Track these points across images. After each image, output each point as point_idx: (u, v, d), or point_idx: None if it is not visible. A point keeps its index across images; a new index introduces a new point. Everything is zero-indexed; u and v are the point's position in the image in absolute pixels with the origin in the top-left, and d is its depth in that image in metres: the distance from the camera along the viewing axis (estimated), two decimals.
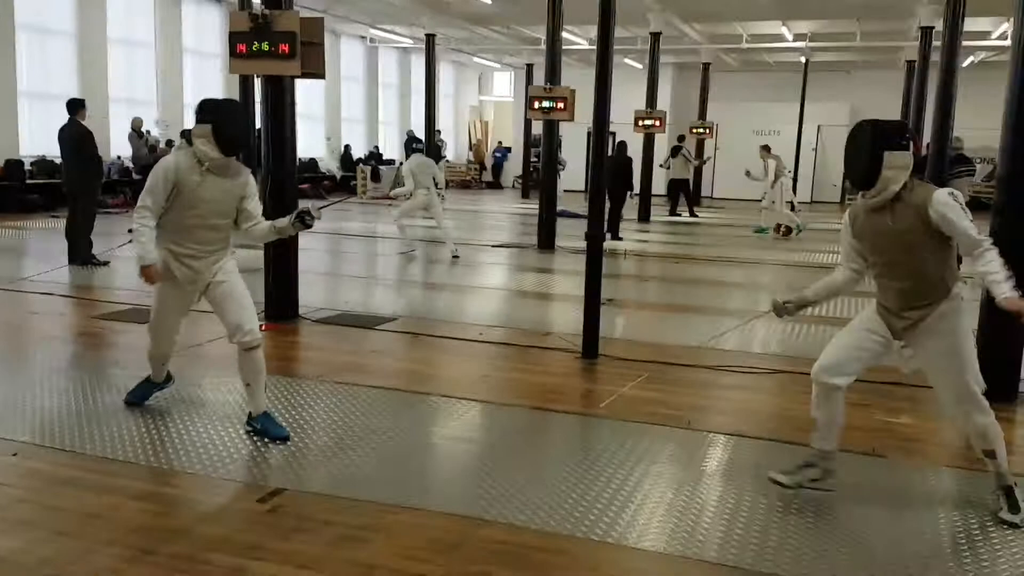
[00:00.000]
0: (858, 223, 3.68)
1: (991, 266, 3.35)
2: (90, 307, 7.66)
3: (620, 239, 14.28)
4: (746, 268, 11.93)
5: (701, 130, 22.16)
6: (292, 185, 7.34)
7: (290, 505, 3.67)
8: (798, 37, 21.39)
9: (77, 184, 9.81)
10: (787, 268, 12.11)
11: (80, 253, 9.62)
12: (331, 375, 5.68)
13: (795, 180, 22.72)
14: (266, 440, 4.38)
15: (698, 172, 22.69)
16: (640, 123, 17.71)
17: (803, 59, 23.00)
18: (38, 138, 15.95)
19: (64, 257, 9.70)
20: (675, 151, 19.47)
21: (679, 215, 19.34)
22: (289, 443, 4.37)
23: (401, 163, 24.49)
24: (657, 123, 17.78)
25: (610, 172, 15.68)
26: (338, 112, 24.58)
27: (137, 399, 4.88)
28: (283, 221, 4.50)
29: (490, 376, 5.94)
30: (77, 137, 9.70)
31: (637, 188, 17.09)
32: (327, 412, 4.92)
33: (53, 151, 15.45)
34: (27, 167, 15.58)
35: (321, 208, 4.61)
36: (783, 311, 4.01)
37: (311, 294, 8.04)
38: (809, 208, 24.08)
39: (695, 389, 5.74)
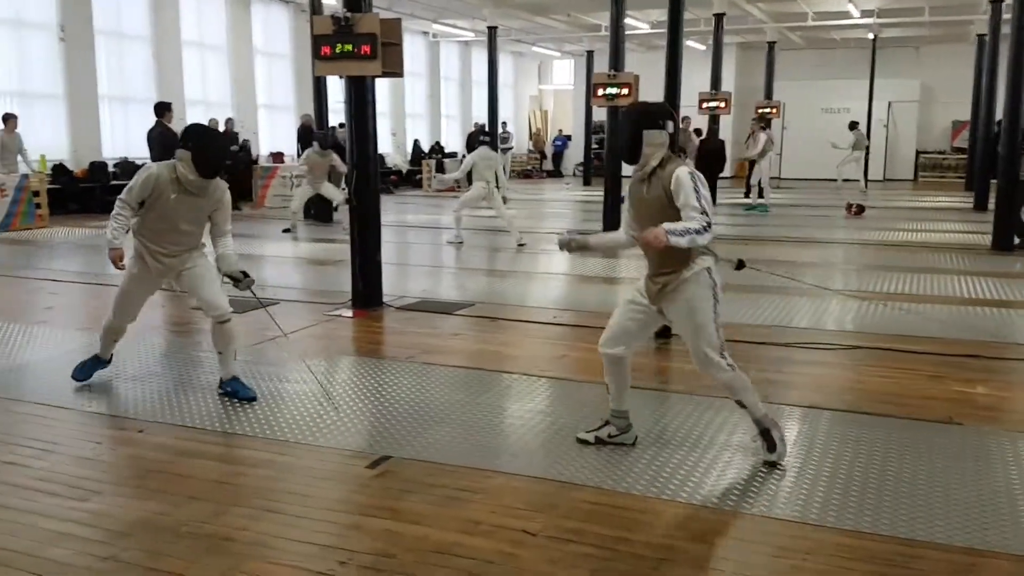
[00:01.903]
0: (630, 193, 4.13)
1: (683, 223, 3.73)
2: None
3: None
4: (817, 248, 11.91)
5: (767, 110, 21.97)
6: (376, 180, 7.67)
7: (396, 470, 3.97)
8: (865, 13, 21.04)
9: None
10: (861, 247, 12.06)
11: None
12: (417, 356, 5.99)
13: (867, 158, 22.43)
14: (360, 412, 4.69)
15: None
16: (704, 105, 17.68)
17: (871, 35, 22.61)
18: (119, 140, 16.72)
19: None
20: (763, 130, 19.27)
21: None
22: (386, 415, 4.68)
23: (464, 155, 24.97)
24: (722, 104, 17.74)
25: (702, 156, 15.94)
26: (402, 107, 25.03)
27: (84, 376, 5.26)
28: (225, 267, 5.06)
29: (566, 356, 6.17)
30: (163, 139, 10.21)
31: (728, 171, 17.17)
32: (417, 389, 5.22)
33: (134, 152, 16.25)
34: (110, 168, 16.33)
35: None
36: (566, 246, 4.33)
37: (391, 283, 8.37)
38: (881, 186, 23.68)
39: (769, 365, 5.87)
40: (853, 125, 20.42)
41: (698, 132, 18.31)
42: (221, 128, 17.18)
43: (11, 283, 8.89)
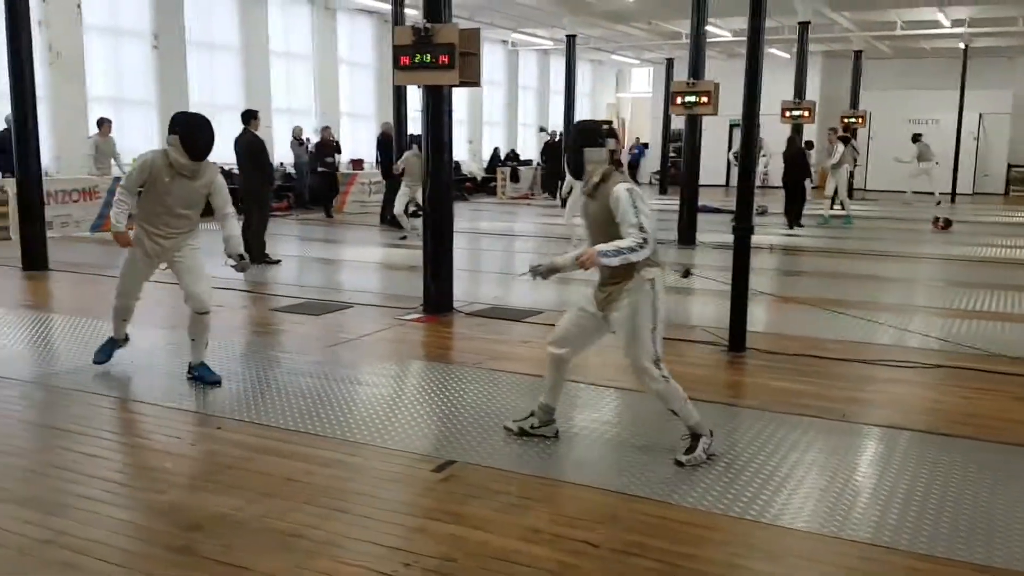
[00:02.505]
0: (582, 206, 4.32)
1: (615, 243, 3.91)
2: (267, 301, 8.37)
3: (802, 226, 14.91)
4: (902, 262, 11.55)
5: (853, 119, 21.41)
6: (450, 188, 7.77)
7: (461, 475, 4.01)
8: (956, 23, 20.34)
9: (252, 189, 10.64)
10: (946, 262, 11.65)
11: (255, 253, 10.43)
12: (485, 362, 6.03)
13: (955, 171, 21.67)
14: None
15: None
16: (787, 114, 17.34)
17: (962, 45, 21.84)
18: None
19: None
20: (843, 142, 18.85)
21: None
22: (453, 420, 4.73)
23: (539, 164, 25.01)
24: (806, 113, 17.36)
25: (786, 164, 15.73)
26: (479, 115, 25.26)
27: (104, 359, 5.67)
28: (229, 248, 5.47)
29: None
30: (250, 146, 10.52)
31: (815, 180, 16.91)
32: (484, 395, 5.26)
33: (221, 158, 16.70)
34: None
35: None
36: (536, 273, 4.43)
37: (462, 289, 8.45)
38: (971, 200, 22.83)
39: (849, 382, 5.72)
40: (916, 137, 19.82)
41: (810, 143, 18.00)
42: (315, 137, 17.70)
43: (99, 281, 9.28)
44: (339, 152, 16.98)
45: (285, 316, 7.63)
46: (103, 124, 13.81)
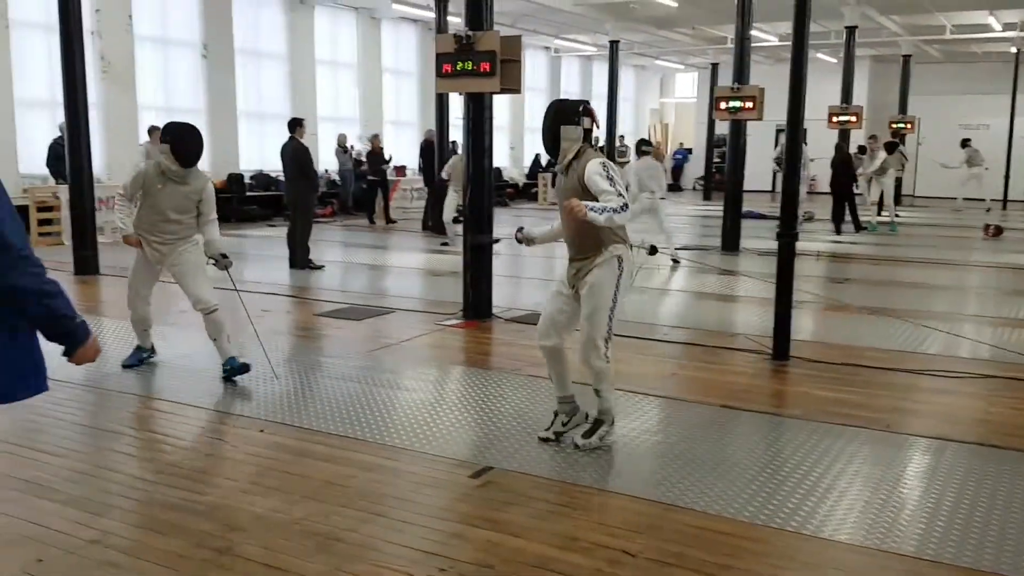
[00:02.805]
0: (556, 183, 4.49)
1: (601, 203, 3.97)
2: (310, 306, 8.47)
3: (865, 229, 14.94)
4: (950, 270, 11.30)
5: (902, 125, 21.03)
6: (490, 194, 7.80)
7: (499, 481, 4.01)
8: (1008, 26, 19.89)
9: (297, 196, 10.79)
10: (996, 270, 11.37)
11: (299, 258, 10.58)
12: (524, 369, 6.03)
13: (1006, 177, 21.17)
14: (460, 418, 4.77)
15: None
16: (834, 119, 17.10)
17: (1014, 49, 21.34)
18: (255, 154, 17.60)
19: (284, 262, 10.70)
20: (890, 147, 18.57)
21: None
22: (491, 426, 4.74)
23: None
24: (853, 119, 17.10)
25: (834, 170, 15.55)
26: (521, 122, 25.31)
27: (133, 363, 5.96)
28: (210, 251, 5.79)
29: (677, 374, 6.08)
30: (296, 153, 10.67)
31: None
32: (523, 401, 5.26)
33: (269, 166, 17.07)
34: (246, 180, 17.20)
35: None
36: (521, 240, 4.70)
37: (502, 295, 8.47)
38: (1022, 206, 22.27)
39: (894, 392, 5.61)
40: (965, 143, 19.53)
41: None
42: (360, 145, 17.90)
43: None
44: (388, 162, 16.99)
45: (328, 321, 7.71)
46: (153, 132, 14.08)
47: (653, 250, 10.78)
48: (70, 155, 10.02)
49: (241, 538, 3.42)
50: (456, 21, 13.78)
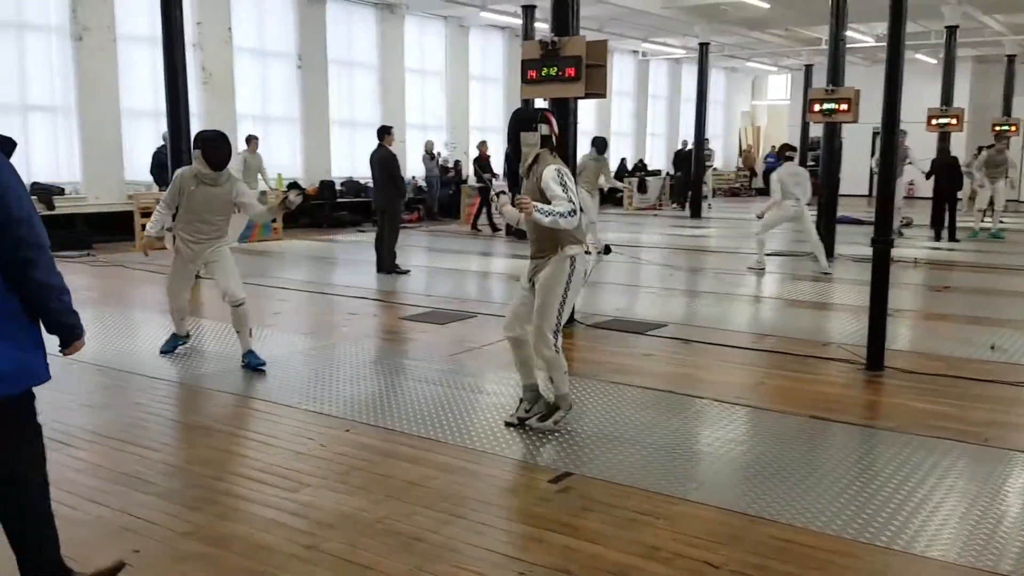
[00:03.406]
0: (523, 187, 4.67)
1: (550, 206, 4.26)
2: (396, 310, 8.63)
3: (957, 240, 14.38)
4: None
5: (1005, 127, 20.07)
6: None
7: (578, 487, 4.01)
8: None
9: (385, 202, 11.01)
10: None
11: (386, 263, 10.79)
12: (605, 375, 6.00)
13: None
14: (531, 423, 4.78)
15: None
16: (933, 121, 16.45)
17: None
18: (345, 161, 18.04)
19: (372, 266, 10.93)
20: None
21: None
22: (571, 432, 4.73)
23: (669, 174, 24.71)
24: (953, 121, 16.41)
25: (937, 174, 15.03)
26: (607, 126, 25.20)
27: (168, 349, 6.53)
28: (265, 209, 6.40)
29: (765, 383, 5.95)
30: (383, 160, 10.88)
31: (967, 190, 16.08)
32: (603, 408, 5.23)
33: (359, 173, 17.47)
34: (337, 187, 17.63)
35: None
36: (497, 194, 4.82)
37: (584, 301, 8.44)
38: None
39: (994, 405, 5.36)
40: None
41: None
42: (448, 153, 18.11)
43: (247, 290, 9.79)
44: (493, 173, 16.86)
45: (413, 324, 7.84)
46: (251, 140, 14.61)
47: (607, 250, 10.56)
48: (172, 163, 10.45)
49: (328, 535, 3.51)
50: (543, 27, 13.83)
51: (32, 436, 2.92)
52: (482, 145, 16.70)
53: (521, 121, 4.65)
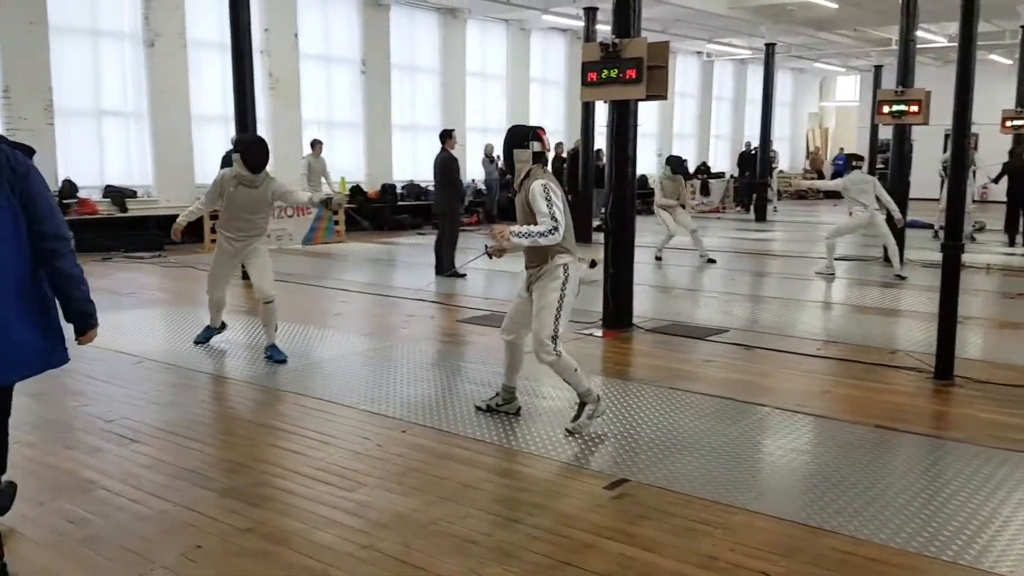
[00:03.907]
0: (515, 200, 4.94)
1: (527, 227, 4.59)
2: (454, 312, 8.68)
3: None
4: None
5: None
6: (632, 202, 7.73)
7: (634, 494, 3.97)
8: None
9: (444, 205, 11.07)
10: None
11: (445, 266, 10.85)
12: (663, 381, 5.93)
13: None
14: (587, 430, 4.74)
15: None
16: (1007, 123, 15.89)
17: None
18: (407, 164, 18.23)
19: (431, 269, 11.01)
20: None
21: None
22: (628, 438, 4.69)
23: (733, 176, 24.34)
24: None
25: (1010, 177, 14.52)
26: (670, 128, 24.97)
27: (202, 340, 6.96)
28: (317, 197, 6.62)
29: (830, 391, 5.81)
30: (444, 163, 10.94)
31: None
32: (661, 414, 5.17)
33: (420, 176, 17.63)
34: (398, 190, 17.82)
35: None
36: (491, 253, 4.97)
37: (644, 305, 8.38)
38: None
39: None
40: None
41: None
42: (481, 152, 18.18)
43: (309, 291, 9.99)
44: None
45: (470, 327, 7.87)
46: (315, 145, 14.87)
47: (593, 263, 10.28)
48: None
49: (383, 535, 3.54)
50: (605, 29, 13.77)
51: None
52: (558, 147, 16.60)
53: (515, 138, 4.86)
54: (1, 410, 3.44)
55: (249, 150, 6.41)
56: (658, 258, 12.48)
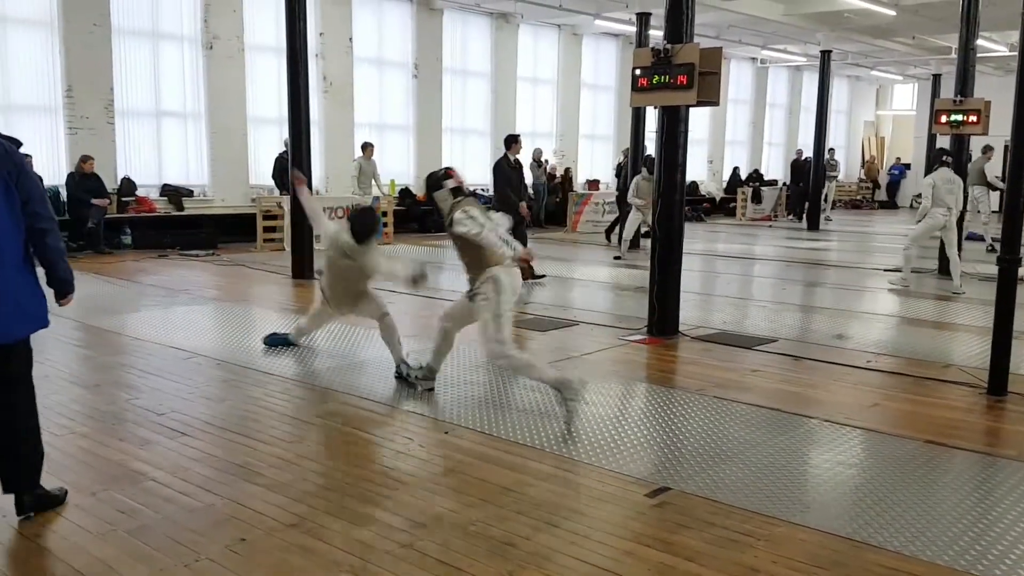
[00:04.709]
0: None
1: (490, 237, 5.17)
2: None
3: None
4: None
5: None
6: (681, 209, 7.67)
7: (675, 502, 3.94)
8: None
9: (502, 211, 10.95)
10: None
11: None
12: (710, 389, 5.88)
13: None
14: (663, 445, 4.71)
15: None
16: None
17: None
18: (457, 168, 18.31)
19: None
20: None
21: None
22: (670, 446, 4.66)
23: (786, 184, 24.02)
24: None
25: None
26: (722, 135, 24.73)
27: (271, 343, 6.86)
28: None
29: (880, 405, 5.70)
30: (496, 168, 10.94)
31: None
32: (706, 423, 5.13)
33: (470, 179, 17.60)
34: None
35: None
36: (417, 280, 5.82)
37: (691, 312, 8.30)
38: None
39: None
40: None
41: None
42: (556, 160, 18.14)
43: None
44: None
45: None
46: (367, 148, 15.05)
47: (536, 277, 10.19)
48: (293, 168, 10.85)
49: (422, 534, 3.57)
50: (657, 35, 13.71)
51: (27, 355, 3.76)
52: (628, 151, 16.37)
53: (431, 185, 5.44)
54: (23, 372, 3.72)
55: (358, 221, 6.30)
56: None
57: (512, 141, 10.85)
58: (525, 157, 18.72)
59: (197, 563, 3.31)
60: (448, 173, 5.45)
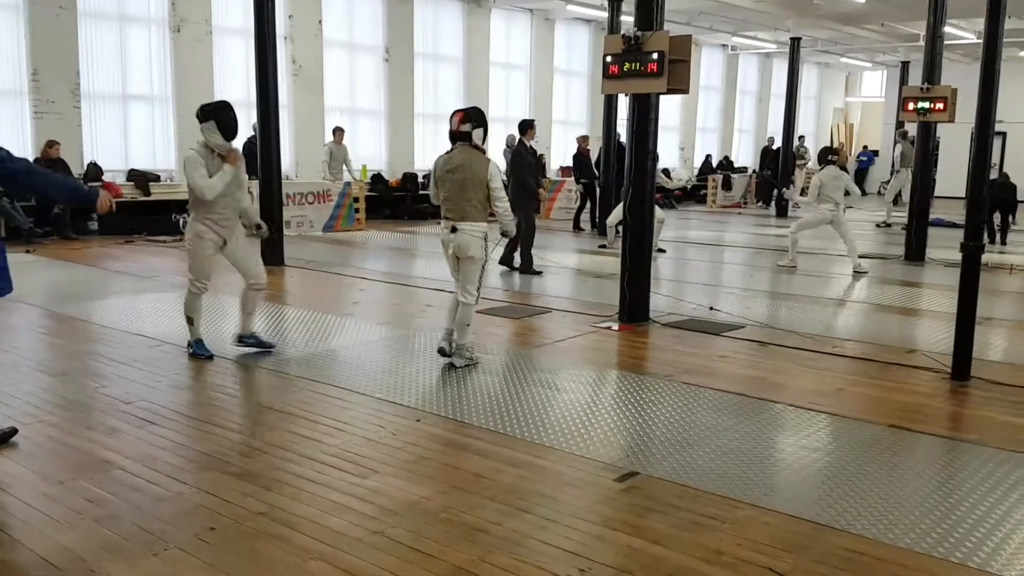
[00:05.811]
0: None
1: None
2: None
3: None
4: None
5: None
6: (651, 197, 7.71)
7: (643, 487, 3.99)
8: None
9: (513, 199, 10.58)
10: None
11: (524, 263, 10.62)
12: (678, 376, 5.94)
13: None
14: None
15: None
16: None
17: None
18: (429, 153, 18.25)
19: None
20: None
21: None
22: (639, 431, 4.71)
23: (755, 171, 24.19)
24: None
25: None
26: (693, 122, 24.84)
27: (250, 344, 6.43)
28: (247, 217, 6.42)
29: (844, 390, 5.79)
30: (514, 156, 10.77)
31: None
32: (674, 409, 5.19)
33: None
34: (419, 179, 17.86)
35: None
36: None
37: (662, 299, 8.37)
38: None
39: None
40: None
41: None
42: (503, 143, 18.10)
43: (328, 278, 10.07)
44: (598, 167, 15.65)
45: (487, 318, 7.88)
46: (337, 132, 14.94)
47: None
48: (261, 153, 10.76)
49: (394, 521, 3.59)
50: (630, 20, 13.72)
51: None
52: (583, 140, 16.36)
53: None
54: None
55: (222, 117, 6.12)
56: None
57: (528, 127, 10.71)
58: (498, 143, 18.76)
59: (166, 552, 3.30)
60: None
